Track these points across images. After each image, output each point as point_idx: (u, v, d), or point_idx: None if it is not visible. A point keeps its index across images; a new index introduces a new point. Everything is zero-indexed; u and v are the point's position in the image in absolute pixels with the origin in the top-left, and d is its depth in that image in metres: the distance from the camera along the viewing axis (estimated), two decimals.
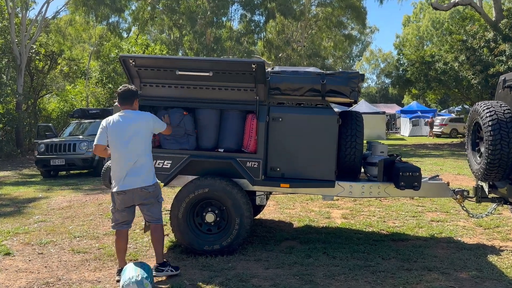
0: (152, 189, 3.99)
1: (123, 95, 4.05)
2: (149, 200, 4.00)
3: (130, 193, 3.91)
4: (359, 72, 4.74)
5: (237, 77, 4.57)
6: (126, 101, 4.04)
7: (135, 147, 3.92)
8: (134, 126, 3.94)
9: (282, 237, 5.34)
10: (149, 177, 3.98)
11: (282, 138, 4.70)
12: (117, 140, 3.93)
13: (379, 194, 4.75)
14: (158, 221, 4.08)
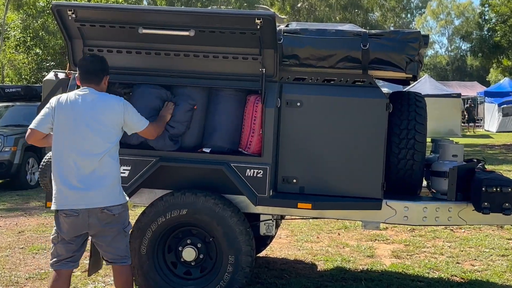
0: (118, 210, 4.01)
1: (88, 67, 4.11)
2: (112, 228, 4.01)
3: (84, 214, 3.92)
4: (420, 33, 4.74)
5: (233, 39, 4.58)
6: (91, 77, 4.10)
7: (95, 144, 3.94)
8: (98, 114, 3.98)
9: (300, 286, 5.36)
10: (114, 192, 4.02)
11: (301, 133, 4.71)
12: (69, 129, 3.94)
13: (450, 220, 4.75)
14: (124, 261, 4.11)
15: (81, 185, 3.90)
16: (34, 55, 25.94)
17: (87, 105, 3.98)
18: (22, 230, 8.00)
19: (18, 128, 12.63)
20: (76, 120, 3.94)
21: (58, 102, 4.01)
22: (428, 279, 5.68)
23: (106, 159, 3.97)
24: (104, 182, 3.95)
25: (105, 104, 4.03)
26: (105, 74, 4.17)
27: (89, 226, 3.96)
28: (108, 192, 3.96)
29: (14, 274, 5.81)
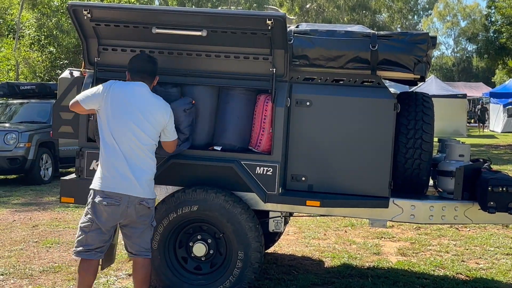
0: (152, 204, 4.18)
1: (145, 66, 4.26)
2: (144, 221, 4.15)
3: (124, 203, 4.00)
4: (428, 34, 4.74)
5: (244, 39, 4.59)
6: (146, 76, 4.26)
7: (143, 137, 4.09)
8: (151, 110, 4.14)
9: (307, 282, 5.37)
10: (151, 186, 4.19)
11: (311, 132, 4.72)
12: (123, 116, 4.06)
13: (456, 219, 4.76)
14: (147, 254, 4.22)
15: (127, 173, 4.02)
16: (48, 53, 26.01)
17: (143, 98, 4.15)
18: (36, 224, 8.05)
19: (33, 124, 12.73)
20: (131, 109, 4.08)
21: (113, 84, 4.16)
22: (434, 277, 5.67)
23: (148, 153, 4.14)
24: (146, 175, 4.11)
25: (157, 103, 4.20)
26: (157, 75, 4.34)
27: (126, 215, 4.05)
28: (147, 185, 4.11)
29: (28, 267, 5.84)
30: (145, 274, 4.19)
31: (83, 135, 4.78)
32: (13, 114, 13.58)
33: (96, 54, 4.76)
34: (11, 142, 11.91)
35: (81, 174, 4.79)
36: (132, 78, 4.25)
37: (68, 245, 6.73)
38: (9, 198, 10.49)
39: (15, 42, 26.18)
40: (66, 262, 6.03)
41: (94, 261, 4.12)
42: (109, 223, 4.05)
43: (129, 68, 4.28)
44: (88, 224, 4.04)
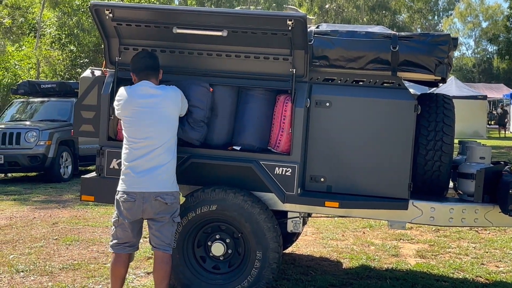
0: (171, 199, 4.21)
1: (147, 63, 4.34)
2: (163, 217, 4.21)
3: (140, 199, 4.12)
4: (450, 35, 4.71)
5: (265, 40, 4.59)
6: (151, 72, 4.34)
7: (156, 134, 4.19)
8: (163, 103, 4.24)
9: (325, 283, 5.36)
10: (168, 181, 4.23)
11: (330, 133, 4.71)
12: (135, 118, 4.20)
13: (477, 222, 4.72)
14: (167, 248, 4.28)
15: (142, 172, 4.14)
16: (68, 52, 26.20)
17: (150, 96, 4.22)
18: (56, 221, 8.12)
19: (53, 122, 12.86)
20: (142, 111, 4.18)
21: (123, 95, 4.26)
22: (453, 279, 5.64)
23: (163, 149, 4.19)
24: (161, 171, 4.17)
25: (165, 94, 4.27)
26: (159, 69, 4.40)
27: (143, 211, 4.16)
28: (162, 180, 4.17)
29: (48, 264, 5.90)
30: (164, 270, 4.24)
31: (103, 134, 4.81)
32: (34, 112, 13.73)
33: (117, 54, 4.80)
34: (31, 140, 12.05)
35: (101, 172, 4.82)
36: (138, 77, 4.32)
37: (87, 243, 6.79)
38: (29, 195, 10.60)
39: (36, 40, 26.43)
40: (85, 259, 6.08)
41: (123, 255, 4.29)
42: (128, 218, 4.18)
43: (132, 69, 4.36)
44: (115, 220, 4.26)
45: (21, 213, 8.75)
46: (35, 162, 12.09)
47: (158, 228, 4.22)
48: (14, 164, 12.09)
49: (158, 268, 4.25)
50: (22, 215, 8.63)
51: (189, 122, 4.67)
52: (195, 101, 4.65)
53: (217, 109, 4.78)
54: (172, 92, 4.31)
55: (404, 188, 4.64)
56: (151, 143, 4.16)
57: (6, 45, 28.99)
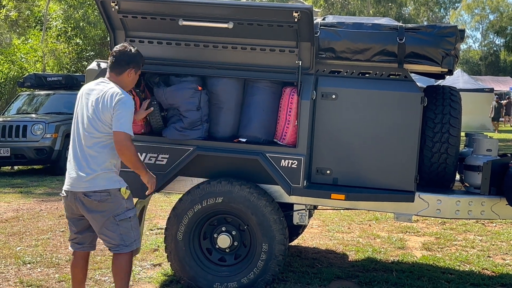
0: (99, 197, 3.96)
1: (114, 57, 4.14)
2: (97, 216, 4.00)
3: (71, 197, 4.03)
4: (457, 27, 4.69)
5: (271, 32, 4.59)
6: (114, 67, 4.15)
7: (90, 134, 3.99)
8: (98, 101, 4.00)
9: (331, 275, 5.36)
10: (97, 179, 3.97)
11: (336, 125, 4.71)
12: (77, 116, 4.10)
13: (483, 214, 4.72)
14: (117, 249, 4.09)
15: (74, 170, 4.01)
16: (74, 45, 26.20)
17: (90, 93, 4.07)
18: (62, 214, 8.13)
19: (59, 115, 12.87)
20: (81, 108, 4.07)
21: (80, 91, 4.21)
22: (459, 272, 5.63)
23: (98, 148, 3.97)
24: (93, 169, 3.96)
25: (102, 92, 4.01)
26: (129, 67, 4.13)
27: (75, 209, 4.06)
28: (91, 178, 3.95)
29: (55, 256, 5.93)
30: (120, 269, 4.10)
31: None
32: (40, 105, 13.74)
33: None
34: (38, 132, 12.07)
35: None
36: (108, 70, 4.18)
37: None
38: (36, 188, 10.63)
39: (43, 33, 26.44)
40: (92, 252, 6.09)
41: (76, 254, 4.22)
42: (67, 214, 4.16)
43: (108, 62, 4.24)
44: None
45: (27, 206, 8.78)
46: (42, 154, 12.12)
47: (98, 230, 4.05)
48: (20, 157, 12.11)
49: (113, 267, 4.15)
50: (28, 207, 8.66)
51: (186, 126, 4.69)
52: (186, 105, 4.68)
53: (223, 101, 4.79)
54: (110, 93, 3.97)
55: (410, 180, 4.64)
56: (84, 143, 3.98)
57: (12, 38, 29.06)
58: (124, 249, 4.07)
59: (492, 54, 58.34)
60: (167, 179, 4.74)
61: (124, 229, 4.05)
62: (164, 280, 5.17)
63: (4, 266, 5.60)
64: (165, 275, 5.30)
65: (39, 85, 13.99)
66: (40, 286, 5.05)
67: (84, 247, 4.22)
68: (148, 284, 5.12)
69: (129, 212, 4.07)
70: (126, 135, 3.93)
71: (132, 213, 4.10)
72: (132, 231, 4.10)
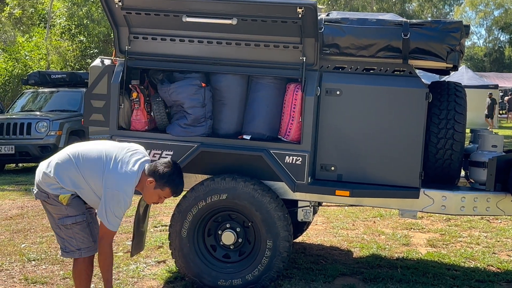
0: (40, 196, 3.95)
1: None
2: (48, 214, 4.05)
3: None
4: (462, 23, 4.67)
5: (275, 28, 4.57)
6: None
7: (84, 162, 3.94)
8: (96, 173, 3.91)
9: (336, 272, 5.36)
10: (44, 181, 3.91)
11: (340, 122, 4.70)
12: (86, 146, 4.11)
13: (488, 210, 4.70)
14: (60, 252, 4.08)
15: None
16: (78, 42, 26.26)
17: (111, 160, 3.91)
18: None
19: (63, 113, 12.91)
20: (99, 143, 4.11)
21: None
22: (464, 268, 5.62)
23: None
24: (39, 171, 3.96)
25: (115, 176, 3.83)
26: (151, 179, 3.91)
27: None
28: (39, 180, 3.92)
29: (59, 252, 5.92)
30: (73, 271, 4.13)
31: (113, 123, 4.81)
32: (44, 102, 13.77)
33: (127, 43, 4.80)
34: (42, 130, 12.10)
35: None
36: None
37: None
38: None
39: (47, 31, 26.50)
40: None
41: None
42: None
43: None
44: None
45: (32, 203, 8.79)
46: (46, 152, 12.09)
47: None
48: (25, 154, 12.14)
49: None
50: (33, 204, 8.67)
51: (190, 123, 4.70)
52: (190, 101, 4.68)
53: (227, 98, 4.78)
54: (116, 179, 3.80)
55: (415, 176, 4.63)
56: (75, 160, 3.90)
57: (17, 36, 29.12)
58: (64, 254, 4.04)
59: (496, 51, 58.20)
60: None
61: (65, 235, 3.94)
62: (169, 277, 5.17)
63: (9, 263, 5.61)
64: (170, 272, 5.30)
65: (43, 82, 14.03)
66: (45, 283, 5.06)
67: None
68: (153, 280, 5.12)
69: (68, 219, 3.89)
70: (107, 234, 3.87)
71: (71, 221, 3.89)
72: (74, 239, 3.94)
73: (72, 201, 3.87)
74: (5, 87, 24.06)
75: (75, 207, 3.91)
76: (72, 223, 3.90)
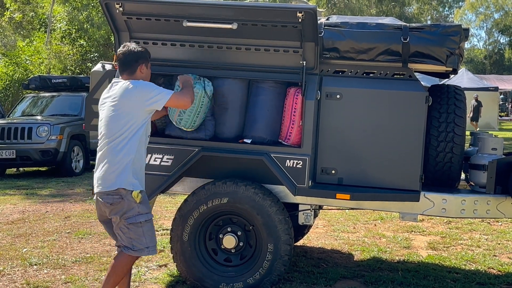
0: (111, 199, 3.99)
1: (121, 59, 4.16)
2: (112, 217, 4.05)
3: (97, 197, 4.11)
4: (461, 26, 4.68)
5: (274, 32, 4.59)
6: (125, 68, 4.16)
7: (108, 131, 4.05)
8: (113, 101, 4.04)
9: (337, 275, 5.36)
10: (109, 178, 4.00)
11: (341, 125, 4.71)
12: (100, 119, 4.15)
13: (489, 213, 4.71)
14: (124, 249, 4.09)
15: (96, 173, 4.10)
16: (78, 46, 26.27)
17: (111, 94, 4.09)
18: (68, 215, 8.17)
19: (64, 117, 12.93)
20: (102, 110, 4.12)
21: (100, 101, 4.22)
22: (465, 271, 5.62)
23: (116, 146, 4.00)
24: (106, 170, 4.01)
25: (124, 91, 4.03)
26: (140, 63, 4.15)
27: (100, 210, 4.12)
28: (105, 180, 4.00)
29: (61, 258, 5.94)
30: (113, 265, 4.09)
31: None
32: (45, 107, 13.79)
33: None
34: (43, 134, 12.12)
35: None
36: (120, 73, 4.20)
37: (99, 236, 6.83)
38: (41, 189, 10.66)
39: (47, 35, 26.52)
40: (98, 252, 6.12)
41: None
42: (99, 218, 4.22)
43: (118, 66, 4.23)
44: None
45: (33, 207, 8.81)
46: (47, 156, 12.15)
47: (115, 228, 4.09)
48: (26, 159, 12.15)
49: (113, 262, 4.13)
50: (34, 209, 8.68)
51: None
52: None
53: (227, 102, 4.80)
54: (130, 88, 4.02)
55: (415, 179, 4.64)
56: (106, 142, 4.04)
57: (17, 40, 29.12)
58: (131, 252, 4.07)
59: (496, 53, 58.20)
60: (172, 180, 4.75)
61: (134, 234, 4.03)
62: (170, 281, 5.18)
63: (10, 267, 5.62)
64: (171, 275, 5.31)
65: (44, 87, 14.05)
66: None
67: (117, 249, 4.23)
68: (154, 284, 5.13)
69: (140, 217, 4.03)
70: (173, 96, 4.14)
71: (143, 219, 4.04)
72: (144, 237, 4.05)
73: (143, 198, 4.05)
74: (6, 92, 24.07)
75: (146, 204, 4.09)
76: (145, 220, 4.04)
